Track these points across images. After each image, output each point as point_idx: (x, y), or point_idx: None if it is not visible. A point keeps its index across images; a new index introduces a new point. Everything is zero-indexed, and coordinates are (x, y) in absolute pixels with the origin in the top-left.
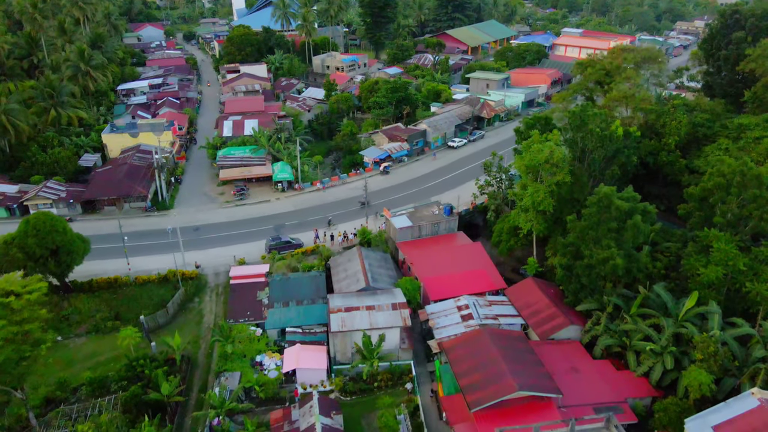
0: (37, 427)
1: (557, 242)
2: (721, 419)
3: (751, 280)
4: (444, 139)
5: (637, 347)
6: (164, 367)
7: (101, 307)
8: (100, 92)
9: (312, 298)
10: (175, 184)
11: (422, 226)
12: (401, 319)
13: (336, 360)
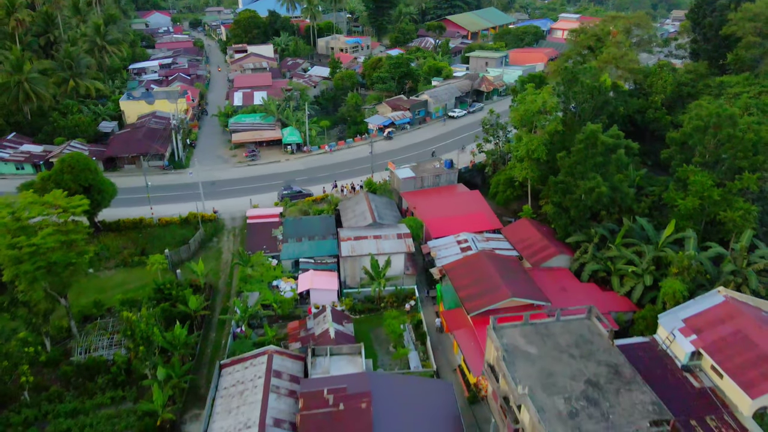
0: (77, 336)
1: (549, 182)
2: (690, 313)
3: (725, 210)
4: (445, 110)
5: (620, 271)
6: (189, 289)
7: (128, 245)
8: (113, 69)
9: (323, 234)
10: (189, 147)
11: (424, 178)
12: (405, 246)
13: (346, 284)
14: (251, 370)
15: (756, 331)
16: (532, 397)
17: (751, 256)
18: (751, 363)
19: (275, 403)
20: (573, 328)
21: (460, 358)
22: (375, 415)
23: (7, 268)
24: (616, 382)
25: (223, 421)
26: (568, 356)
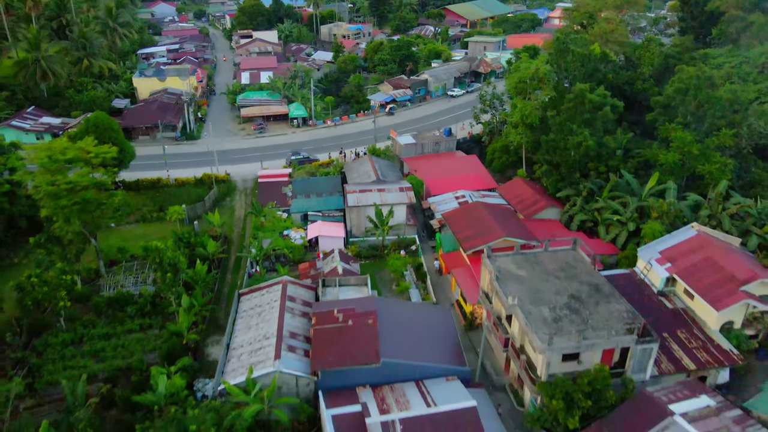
0: (105, 276)
1: (541, 140)
2: (666, 246)
3: (704, 164)
4: (444, 89)
5: (607, 221)
6: (207, 236)
7: (147, 202)
8: (123, 52)
9: (330, 191)
10: (199, 121)
11: (425, 144)
12: (407, 198)
13: (352, 233)
14: (267, 296)
15: (723, 257)
16: (521, 306)
17: (726, 204)
18: (718, 283)
19: (290, 321)
20: (559, 256)
21: (457, 293)
22: (380, 332)
23: (46, 205)
24: (596, 296)
25: (244, 335)
26: (554, 278)
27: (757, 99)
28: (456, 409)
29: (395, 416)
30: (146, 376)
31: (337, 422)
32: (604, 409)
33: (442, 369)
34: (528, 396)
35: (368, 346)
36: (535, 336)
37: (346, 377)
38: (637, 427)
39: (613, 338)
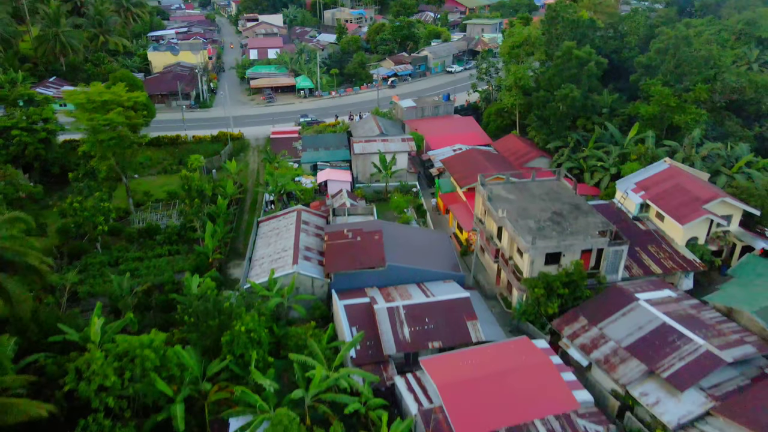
0: (134, 212)
1: (532, 97)
2: (641, 178)
3: (680, 115)
4: (443, 66)
5: (592, 167)
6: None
7: (167, 156)
8: (135, 33)
9: (337, 146)
10: (210, 93)
11: (425, 108)
12: (408, 147)
13: (358, 180)
14: (284, 221)
15: (690, 184)
16: (510, 219)
17: (699, 149)
18: (683, 203)
19: (305, 238)
20: (545, 185)
21: (454, 227)
22: (385, 245)
23: (86, 140)
24: (576, 213)
25: (264, 249)
26: (540, 200)
27: (734, 63)
28: (452, 298)
29: (399, 303)
30: (177, 288)
31: (348, 310)
32: (579, 299)
33: (440, 273)
34: (515, 298)
35: (375, 254)
36: (521, 238)
37: (356, 280)
38: (607, 310)
39: (588, 240)
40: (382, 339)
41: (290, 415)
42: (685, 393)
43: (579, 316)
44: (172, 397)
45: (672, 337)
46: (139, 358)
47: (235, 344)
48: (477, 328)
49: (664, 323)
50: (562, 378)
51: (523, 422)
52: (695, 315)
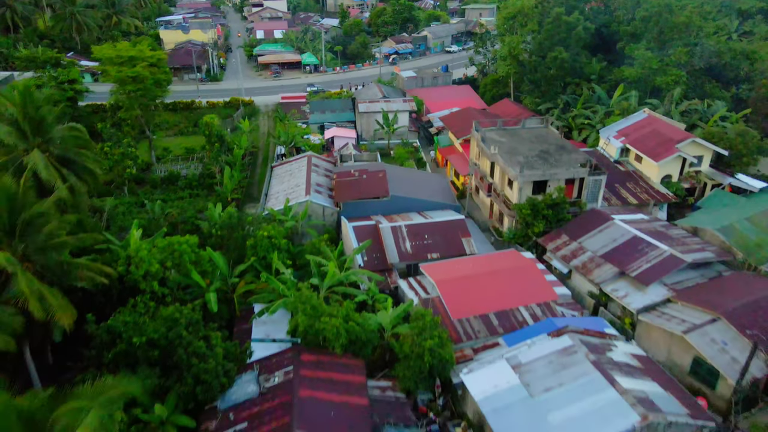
0: (155, 164)
1: (524, 61)
2: (622, 126)
3: (661, 77)
4: (442, 46)
5: (579, 125)
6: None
7: (182, 120)
8: (145, 16)
9: (342, 108)
10: (220, 69)
11: (424, 78)
12: (409, 106)
13: (362, 137)
14: (296, 164)
15: (666, 128)
16: (501, 155)
17: (679, 105)
18: (658, 144)
19: (315, 177)
20: (534, 131)
21: (451, 176)
22: (389, 181)
23: (114, 91)
24: (561, 151)
25: (278, 186)
26: (529, 142)
27: (715, 33)
28: (449, 219)
29: (401, 223)
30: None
31: (356, 230)
32: (562, 221)
33: (439, 203)
34: (506, 226)
35: (380, 186)
36: (510, 169)
37: (362, 209)
38: (586, 228)
39: (570, 170)
40: (387, 251)
41: (310, 290)
42: (650, 287)
43: (561, 234)
44: (205, 289)
45: (641, 246)
46: (177, 252)
47: (258, 247)
48: (471, 243)
49: (636, 236)
50: (544, 277)
51: (509, 308)
52: (664, 231)
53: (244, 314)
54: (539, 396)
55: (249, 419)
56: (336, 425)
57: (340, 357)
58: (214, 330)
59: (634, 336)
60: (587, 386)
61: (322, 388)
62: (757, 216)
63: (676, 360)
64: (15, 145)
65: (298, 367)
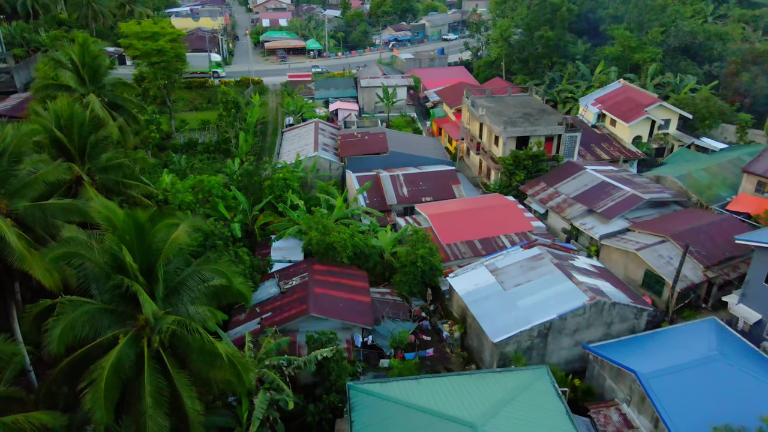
0: (174, 133)
1: (513, 42)
2: (599, 95)
3: (639, 54)
4: (439, 34)
5: (564, 99)
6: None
7: (197, 97)
8: (155, 7)
9: (345, 86)
10: (229, 54)
11: (422, 60)
12: (407, 82)
13: (363, 111)
14: (304, 128)
15: (637, 95)
16: (488, 116)
17: (653, 80)
18: (630, 109)
19: (322, 138)
20: (519, 98)
21: (445, 141)
22: (389, 141)
23: (139, 62)
24: (542, 113)
25: (289, 146)
26: (514, 107)
27: (692, 16)
28: (441, 169)
29: (399, 173)
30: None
31: (359, 179)
32: (541, 172)
33: (433, 159)
34: (493, 179)
35: (380, 144)
36: (495, 126)
37: (364, 163)
38: (562, 177)
39: (549, 127)
40: (386, 195)
41: (323, 212)
42: (613, 221)
43: (540, 182)
44: (230, 220)
45: (608, 189)
46: (207, 186)
47: (275, 187)
48: (460, 189)
49: (604, 181)
50: (523, 213)
51: (492, 236)
52: (629, 178)
53: (264, 242)
54: (511, 289)
55: (272, 310)
56: (344, 312)
57: (347, 267)
58: (240, 248)
59: (597, 260)
60: (549, 280)
61: (332, 288)
62: (711, 167)
63: (631, 276)
64: (76, 89)
65: (311, 273)
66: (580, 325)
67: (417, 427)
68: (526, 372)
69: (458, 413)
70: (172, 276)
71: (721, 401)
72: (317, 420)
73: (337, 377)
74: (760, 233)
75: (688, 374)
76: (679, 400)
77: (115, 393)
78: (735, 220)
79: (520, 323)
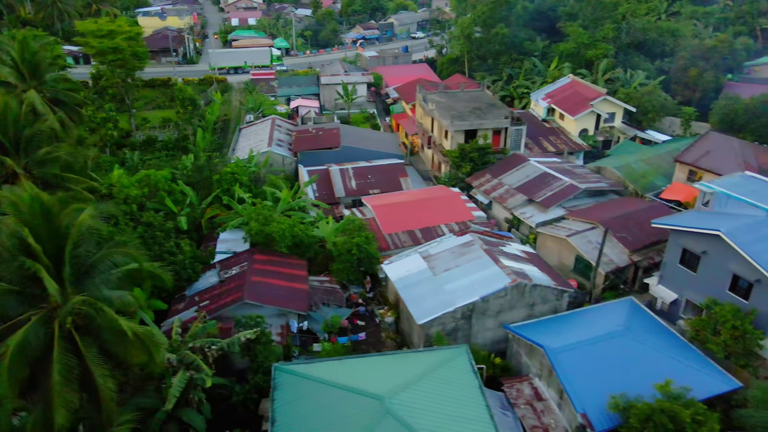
0: (135, 131)
1: (471, 40)
2: (549, 90)
3: (592, 50)
4: (408, 32)
5: (520, 95)
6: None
7: (160, 95)
8: (124, 7)
9: (308, 84)
10: (196, 53)
11: (386, 58)
12: (367, 79)
13: (324, 108)
14: (261, 125)
15: (585, 90)
16: (438, 110)
17: (605, 75)
18: (577, 103)
19: (277, 134)
20: (471, 93)
21: (403, 136)
22: (342, 137)
23: (96, 60)
24: (491, 108)
25: (245, 143)
26: (465, 102)
27: (647, 14)
28: (390, 163)
29: (349, 166)
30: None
31: (310, 173)
32: (487, 164)
33: (384, 153)
34: (443, 172)
35: (333, 139)
36: (443, 120)
37: (317, 158)
38: (506, 168)
39: (495, 120)
40: (335, 188)
41: (267, 204)
42: (551, 210)
43: (485, 174)
44: (177, 213)
45: (548, 179)
46: (153, 181)
47: (222, 181)
48: (407, 182)
49: (545, 172)
50: (465, 204)
51: (432, 225)
52: (571, 169)
53: (210, 235)
54: (440, 274)
55: (210, 298)
56: (280, 299)
57: (289, 257)
58: (183, 239)
59: (535, 248)
60: (477, 266)
61: (270, 276)
62: (650, 158)
63: (564, 261)
64: (15, 85)
65: (251, 262)
66: (503, 307)
67: (332, 403)
68: (445, 351)
69: (371, 388)
70: (82, 259)
71: (622, 373)
72: (242, 400)
73: (264, 359)
74: (673, 218)
75: (594, 348)
76: (583, 372)
77: (21, 370)
78: (664, 207)
79: (445, 306)
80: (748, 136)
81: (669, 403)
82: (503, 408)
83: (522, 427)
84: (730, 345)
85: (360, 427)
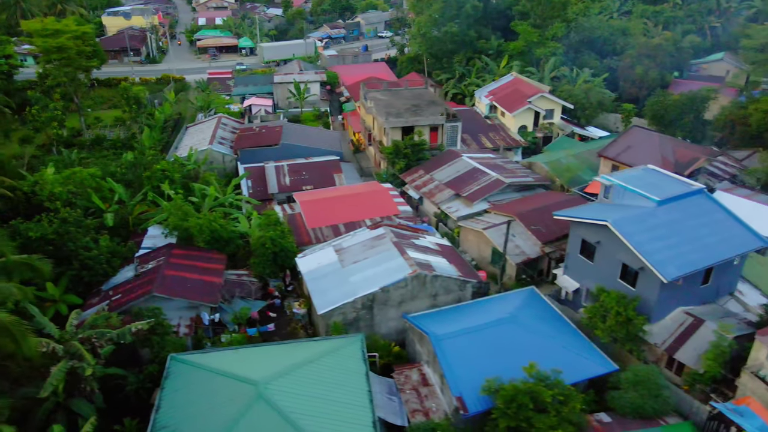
0: (85, 130)
1: (426, 38)
2: (492, 87)
3: (541, 49)
4: (376, 32)
5: (471, 92)
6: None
7: (116, 95)
8: (93, 7)
9: (264, 83)
10: (160, 53)
11: (345, 57)
12: (320, 78)
13: (278, 106)
14: (207, 123)
15: (525, 87)
16: (376, 108)
17: (551, 72)
18: (516, 100)
19: (221, 132)
20: (414, 91)
21: (350, 135)
22: (284, 135)
23: (41, 59)
24: (431, 105)
25: (189, 141)
26: (406, 99)
27: (600, 13)
28: (325, 159)
29: (284, 163)
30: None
31: (247, 170)
32: (422, 161)
33: (323, 150)
34: (382, 169)
35: (274, 137)
36: (380, 118)
37: (257, 156)
38: (439, 164)
39: (430, 117)
40: (269, 184)
41: (182, 201)
42: (476, 203)
43: (419, 170)
44: (105, 210)
45: (477, 174)
46: (78, 178)
47: (153, 178)
48: (341, 178)
49: (475, 167)
50: (392, 198)
51: (357, 219)
52: (502, 165)
53: (138, 232)
54: (348, 266)
55: (123, 292)
56: (189, 291)
57: (207, 251)
58: (104, 236)
59: (458, 241)
60: (383, 258)
61: (185, 270)
62: (581, 153)
63: (483, 254)
64: None
65: (168, 257)
66: (405, 297)
67: (214, 389)
68: (340, 340)
69: (251, 375)
70: None
71: (503, 358)
72: (135, 389)
73: (161, 349)
74: (573, 210)
75: (478, 335)
76: (465, 358)
77: None
78: (581, 201)
79: (346, 296)
80: (678, 131)
81: (532, 384)
82: (390, 393)
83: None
84: (616, 330)
85: (234, 411)
